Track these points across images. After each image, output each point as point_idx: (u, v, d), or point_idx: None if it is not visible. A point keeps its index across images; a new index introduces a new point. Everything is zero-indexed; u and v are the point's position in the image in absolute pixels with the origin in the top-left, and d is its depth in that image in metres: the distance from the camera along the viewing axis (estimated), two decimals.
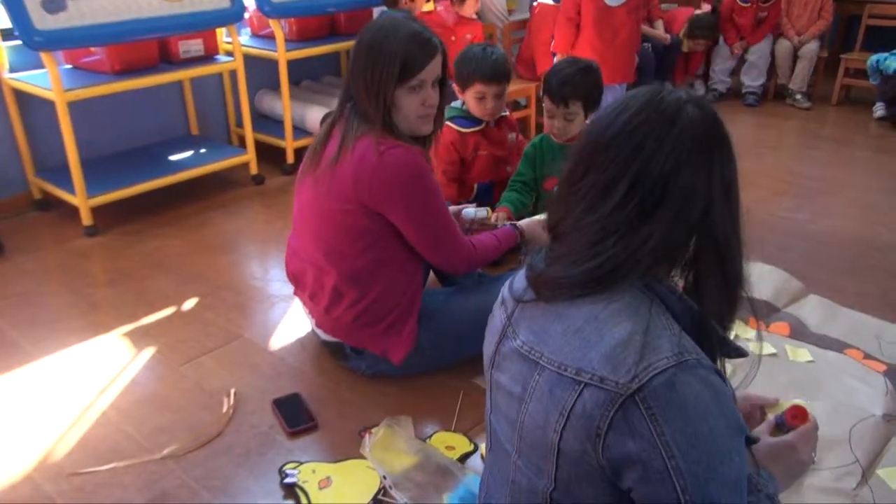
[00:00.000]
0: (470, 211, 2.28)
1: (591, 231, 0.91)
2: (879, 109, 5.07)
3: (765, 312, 2.53)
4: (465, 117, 2.62)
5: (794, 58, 5.38)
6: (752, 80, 5.48)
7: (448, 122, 2.60)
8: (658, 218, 0.88)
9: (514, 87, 4.56)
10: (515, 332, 1.02)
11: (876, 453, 1.87)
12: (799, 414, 1.23)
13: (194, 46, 3.52)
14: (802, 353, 2.30)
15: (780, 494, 1.07)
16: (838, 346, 2.33)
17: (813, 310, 2.57)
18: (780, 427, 1.25)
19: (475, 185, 2.65)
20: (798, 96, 5.38)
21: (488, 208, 2.35)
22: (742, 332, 2.41)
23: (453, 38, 3.79)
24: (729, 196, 0.94)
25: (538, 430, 0.93)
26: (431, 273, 2.45)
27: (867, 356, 2.28)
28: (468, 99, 2.59)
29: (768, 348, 2.32)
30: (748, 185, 3.78)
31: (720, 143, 0.93)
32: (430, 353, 2.10)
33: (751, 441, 1.11)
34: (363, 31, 1.92)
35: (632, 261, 0.89)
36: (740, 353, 0.97)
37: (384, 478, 1.74)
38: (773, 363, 2.26)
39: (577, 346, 0.90)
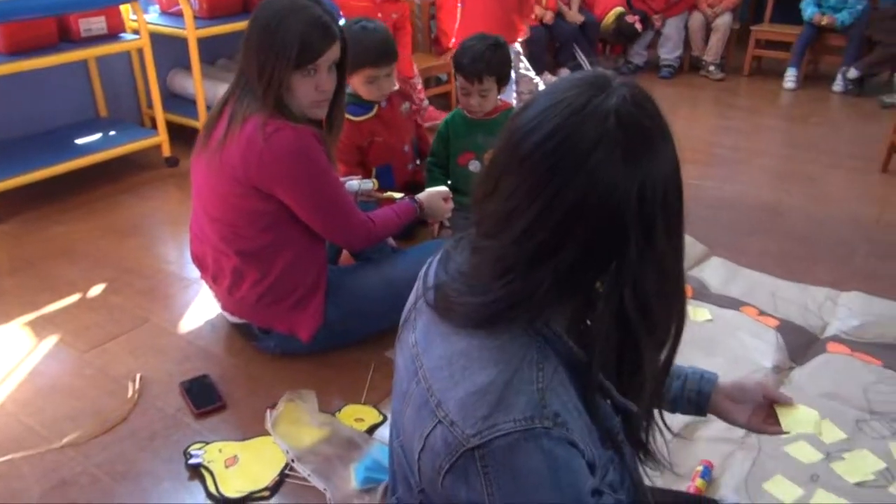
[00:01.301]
0: (353, 183, 2.28)
1: (490, 258, 0.83)
2: (790, 80, 5.26)
3: None
4: (356, 103, 2.55)
5: (708, 30, 5.53)
6: (667, 52, 5.61)
7: None
8: (560, 259, 0.78)
9: (434, 63, 4.57)
10: (415, 324, 0.96)
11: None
12: None
13: (96, 24, 3.39)
14: (703, 313, 2.39)
15: None
16: (736, 304, 2.43)
17: (715, 271, 2.68)
18: None
19: (373, 170, 2.63)
20: (712, 68, 5.54)
21: (374, 180, 2.35)
22: None
23: (379, 14, 3.74)
24: (651, 235, 0.77)
25: (410, 437, 0.90)
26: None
27: (762, 313, 2.39)
28: (356, 84, 2.51)
29: None
30: None
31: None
32: (339, 328, 2.11)
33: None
34: (259, 8, 1.86)
35: (525, 303, 0.80)
36: (626, 408, 0.88)
37: (287, 452, 1.74)
38: None
39: (444, 377, 0.84)
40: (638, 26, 5.40)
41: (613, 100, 0.76)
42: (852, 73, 5.06)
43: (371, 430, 1.87)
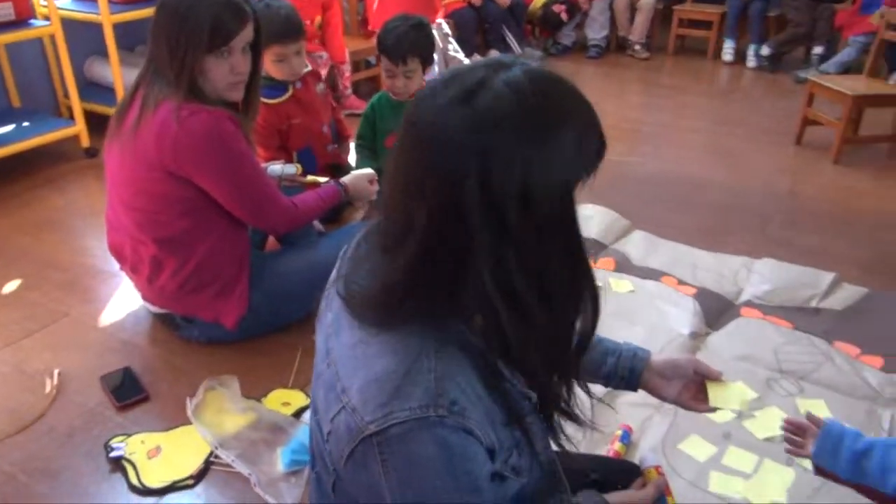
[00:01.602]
0: (276, 168, 2.25)
1: (384, 249, 0.83)
2: (728, 53, 5.42)
3: (593, 250, 2.68)
4: (270, 85, 2.52)
5: (633, 11, 5.63)
6: (594, 33, 5.70)
7: None
8: (426, 243, 0.77)
9: (363, 46, 4.53)
10: (332, 304, 0.95)
11: None
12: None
13: (3, 10, 3.24)
14: (625, 285, 2.46)
15: None
16: (657, 275, 2.51)
17: (637, 244, 2.75)
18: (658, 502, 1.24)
19: (294, 153, 2.60)
20: (637, 47, 5.65)
21: (297, 164, 2.33)
22: None
23: None
24: (505, 227, 0.74)
25: (322, 418, 0.90)
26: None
27: (681, 282, 2.47)
28: (266, 64, 2.47)
29: None
30: None
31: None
32: (265, 314, 2.09)
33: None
34: None
35: (419, 296, 0.80)
36: (524, 395, 0.87)
37: (209, 439, 1.72)
38: None
39: (349, 363, 0.85)
40: (564, 17, 5.47)
41: (500, 76, 0.75)
42: (765, 50, 5.24)
43: (298, 413, 1.87)
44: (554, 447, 1.01)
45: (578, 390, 0.96)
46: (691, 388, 1.23)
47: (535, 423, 0.93)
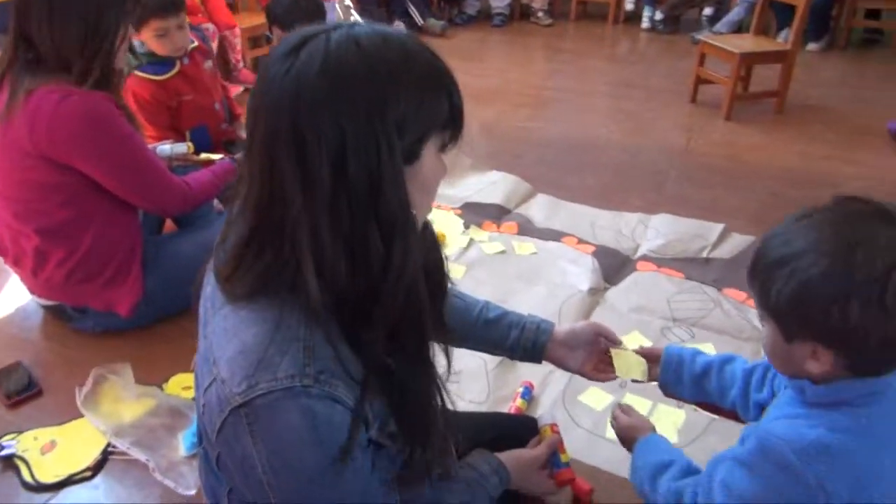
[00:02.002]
0: (165, 148, 2.19)
1: (242, 218, 0.82)
2: (646, 21, 5.52)
3: (497, 215, 2.72)
4: (156, 62, 2.43)
5: None
6: (498, 1, 5.72)
7: (139, 73, 2.42)
8: (282, 205, 0.76)
9: (261, 21, 4.40)
10: (209, 278, 0.93)
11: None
12: (567, 482, 1.28)
13: None
14: (527, 247, 2.51)
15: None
16: (558, 236, 2.57)
17: (540, 207, 2.81)
18: (554, 457, 1.29)
19: (187, 132, 2.53)
20: (540, 14, 5.71)
21: (188, 143, 2.26)
22: (476, 235, 2.58)
23: None
24: (323, 192, 0.74)
25: (199, 391, 0.89)
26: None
27: (581, 241, 2.54)
28: (148, 39, 2.38)
29: (498, 247, 2.50)
30: (493, 102, 4.02)
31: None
32: (160, 299, 2.03)
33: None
34: None
35: (269, 257, 0.79)
36: (386, 369, 0.85)
37: (102, 429, 1.68)
38: (502, 259, 2.45)
39: (221, 334, 0.84)
40: None
41: (323, 36, 0.75)
42: (658, 14, 5.38)
43: None
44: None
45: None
46: (594, 357, 1.28)
47: (413, 387, 0.92)
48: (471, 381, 1.85)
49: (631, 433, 1.16)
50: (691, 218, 2.66)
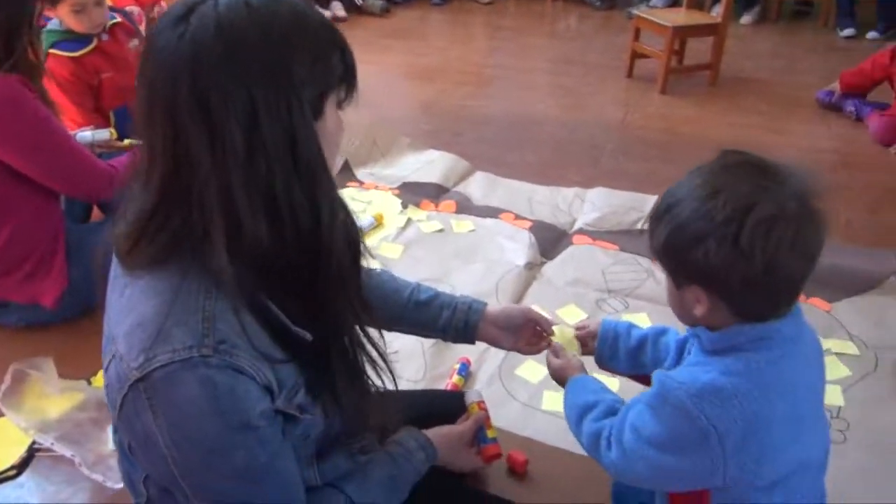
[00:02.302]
0: (86, 135, 2.11)
1: (145, 193, 0.79)
2: None
3: (435, 194, 2.71)
4: (72, 39, 2.34)
5: None
6: None
7: (54, 51, 2.33)
8: (189, 172, 0.75)
9: None
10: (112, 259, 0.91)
11: (517, 298, 2.13)
12: (495, 456, 1.28)
13: None
14: (466, 225, 2.51)
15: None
16: (495, 212, 2.58)
17: (478, 185, 2.81)
18: (479, 434, 1.29)
19: (111, 113, 2.45)
20: None
21: (111, 129, 2.20)
22: (414, 214, 2.57)
23: None
24: (234, 149, 0.74)
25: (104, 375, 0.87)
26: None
27: (518, 217, 2.55)
28: (64, 16, 2.29)
29: (436, 225, 2.50)
30: (433, 80, 4.00)
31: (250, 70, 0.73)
32: (87, 289, 1.96)
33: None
34: None
35: (154, 224, 0.78)
36: (299, 337, 0.84)
37: (23, 426, 1.63)
38: (440, 238, 2.45)
39: (118, 311, 0.82)
40: None
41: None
42: None
43: None
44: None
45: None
46: (526, 334, 1.28)
47: (334, 362, 0.91)
48: (408, 360, 1.84)
49: (562, 374, 1.17)
50: (627, 191, 2.69)
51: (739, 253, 0.82)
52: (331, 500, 0.97)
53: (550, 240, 2.41)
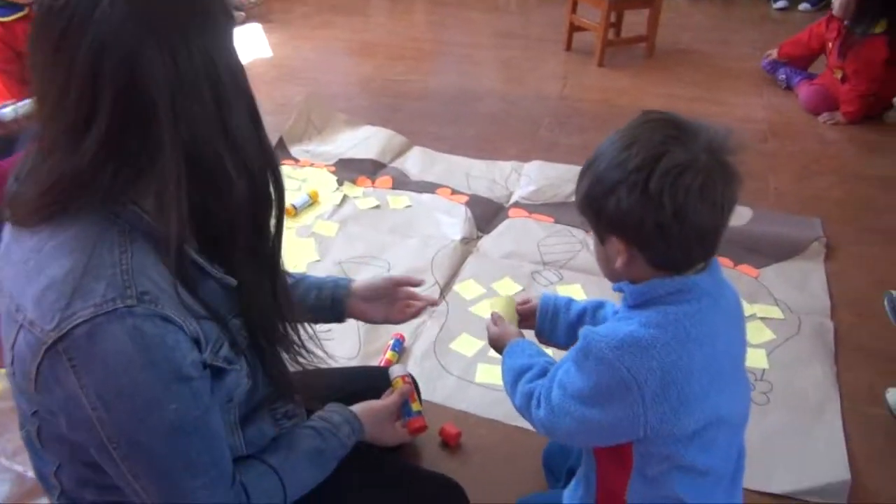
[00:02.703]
0: (7, 112, 2.03)
1: (50, 151, 0.77)
2: None
3: (371, 170, 2.68)
4: (2, 5, 2.25)
5: None
6: None
7: None
8: (97, 126, 0.72)
9: None
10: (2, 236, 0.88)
11: (453, 273, 2.13)
12: (420, 429, 1.27)
13: None
14: (402, 201, 2.49)
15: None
16: (432, 188, 2.56)
17: (415, 160, 2.78)
18: (404, 408, 1.28)
19: None
20: None
21: (29, 101, 2.11)
22: (350, 191, 2.54)
23: None
24: (198, 90, 0.75)
25: (6, 354, 0.83)
26: None
27: (455, 192, 2.54)
28: None
29: (372, 202, 2.47)
30: (372, 56, 3.94)
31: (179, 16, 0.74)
32: None
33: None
34: None
35: (83, 183, 0.75)
36: (224, 283, 0.85)
37: None
38: (376, 214, 2.43)
39: (21, 279, 0.78)
40: None
41: None
42: None
43: None
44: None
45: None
46: (399, 303, 1.28)
47: (256, 317, 0.91)
48: (342, 338, 1.82)
49: (500, 341, 1.18)
50: (563, 163, 2.70)
51: (648, 199, 0.85)
52: (256, 470, 0.95)
53: (487, 214, 2.41)
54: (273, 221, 0.88)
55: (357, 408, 1.18)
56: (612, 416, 0.92)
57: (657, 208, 0.85)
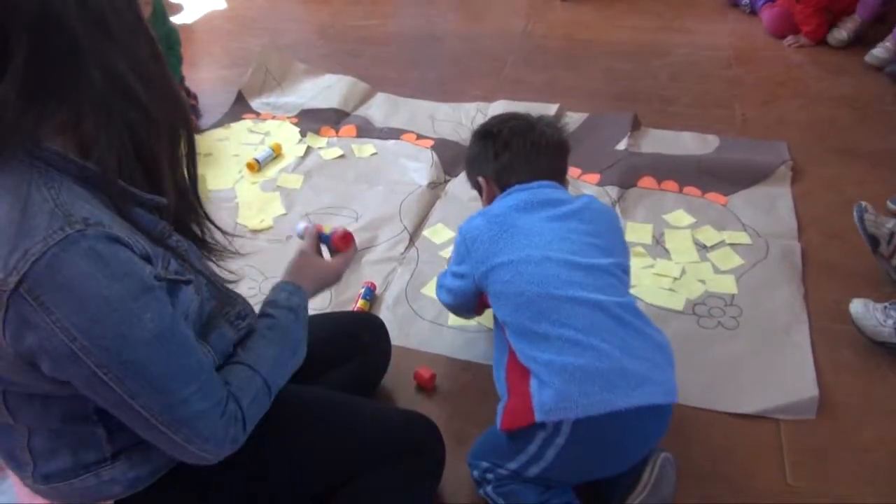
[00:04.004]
0: None
1: None
2: None
3: (335, 119, 2.62)
4: None
5: None
6: None
7: None
8: (12, 69, 0.73)
9: None
10: None
11: (422, 218, 2.11)
12: (346, 238, 1.26)
13: None
14: (367, 149, 2.45)
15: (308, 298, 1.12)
16: (397, 133, 2.52)
17: (379, 107, 2.73)
18: (325, 243, 1.27)
19: None
20: None
21: None
22: (314, 142, 2.49)
23: None
24: (107, 28, 0.77)
25: None
26: None
27: (420, 136, 2.50)
28: None
29: (337, 152, 2.43)
30: (327, 2, 3.83)
31: None
32: None
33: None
34: None
35: (2, 132, 0.75)
36: (156, 203, 0.87)
37: None
38: (341, 164, 2.39)
39: None
40: None
41: None
42: None
43: None
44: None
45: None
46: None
47: (182, 242, 0.93)
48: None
49: None
50: (528, 101, 2.66)
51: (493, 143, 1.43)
52: (225, 369, 0.95)
53: (454, 157, 2.37)
54: (185, 148, 0.92)
55: (284, 274, 1.16)
56: (461, 271, 1.35)
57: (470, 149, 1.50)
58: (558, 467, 1.15)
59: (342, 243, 1.26)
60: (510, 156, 1.39)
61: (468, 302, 1.41)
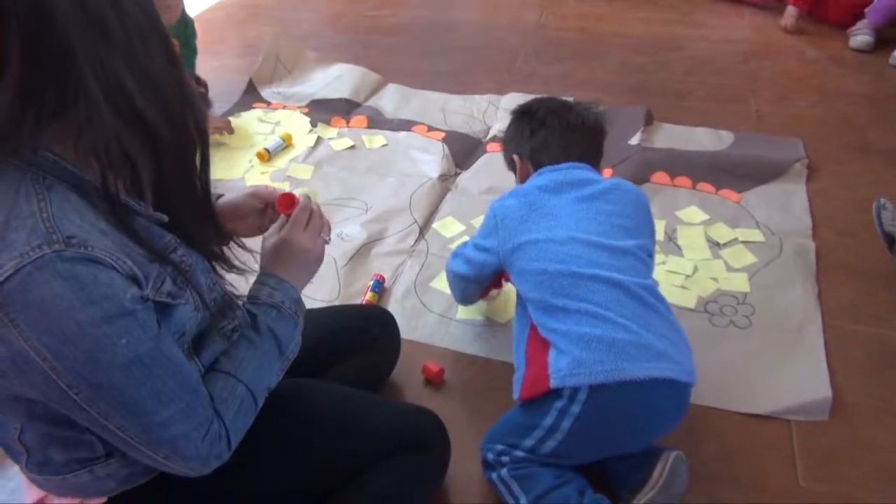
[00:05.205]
0: None
1: None
2: None
3: (345, 110, 2.61)
4: None
5: None
6: None
7: None
8: (9, 75, 0.70)
9: None
10: None
11: (432, 211, 2.09)
12: (286, 201, 1.11)
13: None
14: (378, 140, 2.44)
15: (301, 292, 1.05)
16: (408, 125, 2.50)
17: (390, 98, 2.71)
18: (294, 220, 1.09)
19: None
20: None
21: None
22: (325, 132, 2.48)
23: None
24: (107, 33, 0.73)
25: None
26: None
27: (431, 128, 2.48)
28: None
29: (347, 142, 2.42)
30: None
31: None
32: None
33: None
34: None
35: (24, 126, 0.73)
36: (156, 220, 0.85)
37: None
38: (352, 155, 2.37)
39: None
40: None
41: None
42: None
43: None
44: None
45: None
46: (267, 211, 1.17)
47: (188, 256, 0.89)
48: (321, 282, 1.80)
49: None
50: (541, 94, 2.63)
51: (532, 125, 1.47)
52: (210, 381, 0.92)
53: (465, 149, 2.36)
54: (199, 159, 0.88)
55: (262, 263, 1.08)
56: (486, 245, 1.39)
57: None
58: (573, 442, 1.16)
59: (283, 207, 1.11)
60: (545, 134, 1.42)
61: (484, 276, 1.43)
